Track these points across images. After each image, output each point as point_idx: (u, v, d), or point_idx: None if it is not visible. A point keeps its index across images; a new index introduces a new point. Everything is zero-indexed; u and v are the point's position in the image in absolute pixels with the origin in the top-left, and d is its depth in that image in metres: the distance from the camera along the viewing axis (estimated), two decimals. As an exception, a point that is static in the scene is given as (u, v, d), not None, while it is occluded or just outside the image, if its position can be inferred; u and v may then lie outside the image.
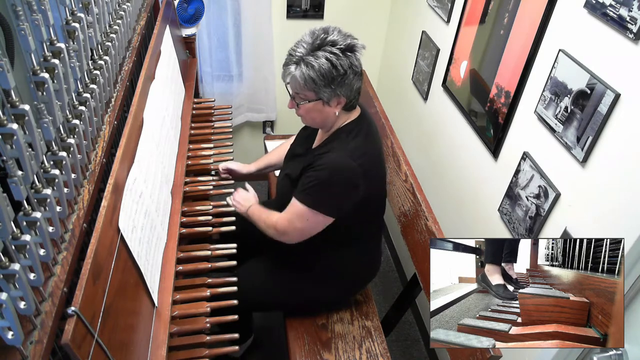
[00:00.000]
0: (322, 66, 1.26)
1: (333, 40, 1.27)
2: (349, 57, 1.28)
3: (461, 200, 1.85)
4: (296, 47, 1.30)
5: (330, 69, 1.26)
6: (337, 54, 1.26)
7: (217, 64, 2.56)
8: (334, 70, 1.27)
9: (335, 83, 1.29)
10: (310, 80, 1.28)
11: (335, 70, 1.27)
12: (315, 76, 1.27)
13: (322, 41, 1.27)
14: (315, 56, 1.26)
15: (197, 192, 1.64)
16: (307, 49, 1.28)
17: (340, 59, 1.27)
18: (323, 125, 1.43)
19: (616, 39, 1.09)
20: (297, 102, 1.36)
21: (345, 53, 1.28)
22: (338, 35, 1.28)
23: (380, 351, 1.59)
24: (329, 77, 1.27)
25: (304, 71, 1.27)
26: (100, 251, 0.91)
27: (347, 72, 1.28)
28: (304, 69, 1.27)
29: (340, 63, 1.26)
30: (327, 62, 1.26)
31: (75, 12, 1.04)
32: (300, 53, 1.28)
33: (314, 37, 1.29)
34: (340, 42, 1.27)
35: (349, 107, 1.38)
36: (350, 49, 1.29)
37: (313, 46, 1.28)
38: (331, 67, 1.26)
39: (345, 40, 1.28)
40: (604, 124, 1.12)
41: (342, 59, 1.27)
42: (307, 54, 1.27)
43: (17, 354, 0.71)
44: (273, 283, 1.60)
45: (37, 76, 0.82)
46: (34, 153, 0.77)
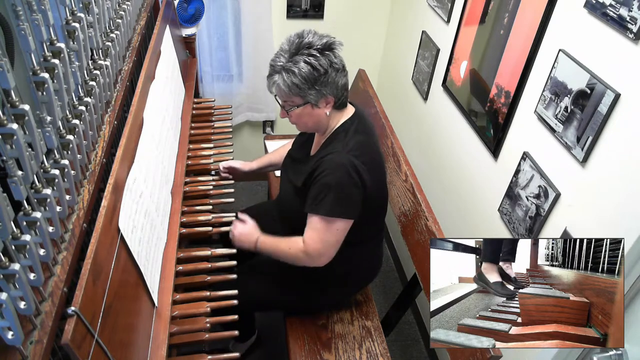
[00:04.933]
0: (302, 70, 1.28)
1: (309, 42, 1.29)
2: (327, 55, 1.30)
3: (461, 200, 1.85)
4: (276, 58, 1.32)
5: (311, 70, 1.28)
6: (315, 55, 1.28)
7: (217, 63, 2.56)
8: (315, 72, 1.28)
9: (318, 84, 1.30)
10: (293, 86, 1.30)
11: (315, 71, 1.28)
12: (297, 81, 1.29)
13: (299, 45, 1.29)
14: (294, 62, 1.28)
15: (197, 192, 1.64)
16: (286, 56, 1.30)
17: (319, 59, 1.28)
18: (317, 128, 1.43)
19: (616, 39, 1.09)
20: (287, 110, 1.38)
21: (323, 53, 1.29)
22: (313, 37, 1.30)
23: (380, 351, 1.59)
24: (311, 79, 1.29)
25: (285, 78, 1.30)
26: (100, 251, 0.91)
27: (328, 70, 1.30)
28: (286, 76, 1.29)
29: (319, 63, 1.28)
30: (306, 65, 1.28)
31: (75, 12, 1.04)
32: (281, 63, 1.30)
33: (290, 44, 1.31)
34: (316, 43, 1.29)
35: (339, 105, 1.39)
36: (328, 47, 1.30)
37: (290, 52, 1.30)
38: (311, 69, 1.28)
39: (322, 40, 1.30)
40: (604, 124, 1.12)
41: (320, 59, 1.28)
42: (287, 62, 1.29)
43: (17, 354, 0.71)
44: (273, 283, 1.60)
45: (37, 76, 0.82)
46: (34, 153, 0.77)
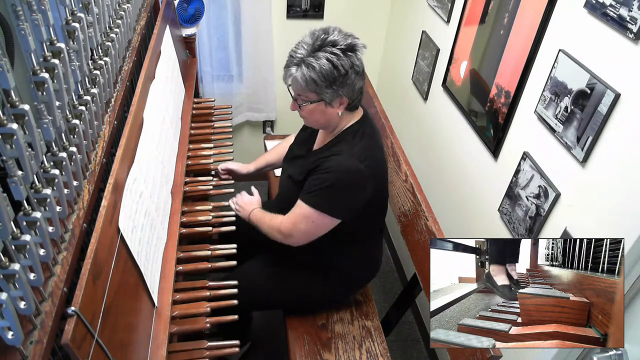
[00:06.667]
0: (323, 67, 1.25)
1: (333, 40, 1.26)
2: (349, 57, 1.27)
3: (461, 200, 1.85)
4: (297, 49, 1.29)
5: (332, 69, 1.25)
6: (337, 54, 1.25)
7: (217, 63, 2.56)
8: (335, 71, 1.26)
9: (336, 84, 1.28)
10: (311, 81, 1.27)
11: (336, 70, 1.26)
12: (316, 77, 1.26)
13: (323, 42, 1.27)
14: (316, 57, 1.26)
15: (197, 192, 1.64)
16: (308, 50, 1.27)
17: (341, 59, 1.26)
18: (326, 126, 1.42)
19: (616, 39, 1.09)
20: (299, 104, 1.35)
21: (346, 53, 1.27)
22: (339, 35, 1.27)
23: (380, 351, 1.59)
24: (330, 78, 1.26)
25: (304, 72, 1.27)
26: (100, 251, 0.91)
27: (349, 72, 1.27)
28: (305, 70, 1.26)
29: (341, 63, 1.25)
30: (328, 63, 1.25)
31: (75, 12, 1.04)
32: (301, 54, 1.27)
33: (314, 38, 1.28)
34: (340, 42, 1.26)
35: (351, 107, 1.37)
36: (351, 48, 1.28)
37: (313, 47, 1.27)
38: (332, 67, 1.25)
39: (346, 40, 1.27)
40: (604, 124, 1.12)
41: (343, 59, 1.26)
42: (308, 55, 1.27)
43: (17, 354, 0.71)
44: (273, 282, 1.60)
45: (37, 76, 0.82)
46: (34, 153, 0.77)
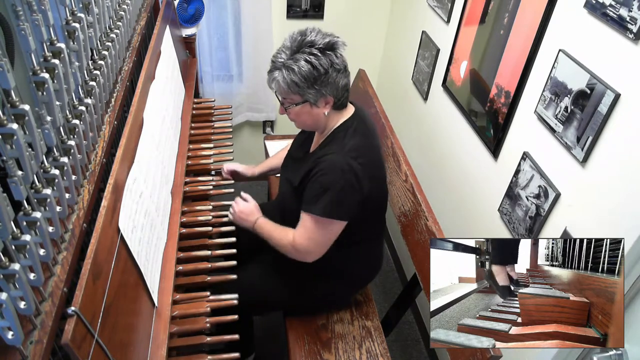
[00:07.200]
0: (302, 68, 1.27)
1: (311, 41, 1.28)
2: (328, 55, 1.28)
3: (461, 200, 1.85)
4: (278, 54, 1.32)
5: (311, 70, 1.27)
6: (316, 54, 1.27)
7: (217, 63, 2.56)
8: (315, 71, 1.27)
9: (318, 83, 1.29)
10: (292, 83, 1.29)
11: (315, 70, 1.27)
12: (297, 79, 1.28)
13: (300, 43, 1.28)
14: (294, 59, 1.27)
15: (197, 192, 1.64)
16: (288, 54, 1.29)
17: (320, 58, 1.27)
18: (316, 127, 1.43)
19: (616, 39, 1.09)
20: (285, 107, 1.37)
21: (324, 52, 1.28)
22: (316, 36, 1.29)
23: (380, 351, 1.59)
24: (310, 79, 1.28)
25: (285, 76, 1.29)
26: (100, 251, 0.91)
27: (329, 70, 1.29)
28: (286, 73, 1.29)
29: (320, 63, 1.27)
30: (306, 64, 1.27)
31: (75, 12, 1.04)
32: (282, 59, 1.29)
33: (292, 41, 1.30)
34: (318, 42, 1.28)
35: (338, 106, 1.38)
36: (330, 47, 1.29)
37: (292, 50, 1.29)
38: (311, 68, 1.27)
39: (324, 39, 1.29)
40: (604, 124, 1.12)
41: (321, 59, 1.27)
42: (288, 59, 1.29)
43: (17, 354, 0.71)
44: (273, 282, 1.60)
45: (37, 76, 0.82)
46: (34, 153, 0.77)
